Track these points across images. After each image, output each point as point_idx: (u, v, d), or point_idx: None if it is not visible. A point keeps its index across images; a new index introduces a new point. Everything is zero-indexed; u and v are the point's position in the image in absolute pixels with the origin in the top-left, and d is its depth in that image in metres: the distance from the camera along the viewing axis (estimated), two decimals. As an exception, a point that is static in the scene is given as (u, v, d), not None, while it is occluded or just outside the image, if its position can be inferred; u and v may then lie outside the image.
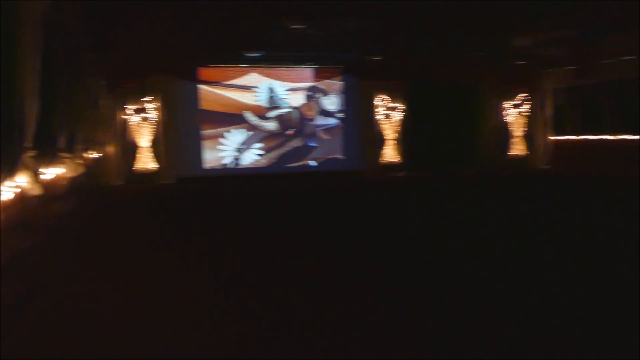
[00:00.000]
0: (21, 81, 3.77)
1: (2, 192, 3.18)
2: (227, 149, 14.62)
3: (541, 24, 10.55)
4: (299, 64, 14.67)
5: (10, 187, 3.21)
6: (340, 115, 15.28)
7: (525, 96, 16.12)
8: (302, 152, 15.15)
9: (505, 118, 16.21)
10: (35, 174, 3.78)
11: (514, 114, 16.19)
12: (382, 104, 15.19)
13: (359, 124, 15.23)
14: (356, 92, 15.14)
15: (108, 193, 12.20)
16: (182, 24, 9.92)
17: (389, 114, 15.23)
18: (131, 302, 4.23)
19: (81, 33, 8.21)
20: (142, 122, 13.71)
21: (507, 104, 16.18)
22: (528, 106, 16.13)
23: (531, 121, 16.18)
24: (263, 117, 14.80)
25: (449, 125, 15.69)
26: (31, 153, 3.75)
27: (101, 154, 12.57)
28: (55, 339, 3.49)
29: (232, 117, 14.65)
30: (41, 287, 4.52)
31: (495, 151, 16.04)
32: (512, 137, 16.24)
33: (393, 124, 15.27)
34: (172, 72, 13.86)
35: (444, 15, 9.72)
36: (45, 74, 4.49)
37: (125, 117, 13.67)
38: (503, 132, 16.17)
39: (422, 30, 11.05)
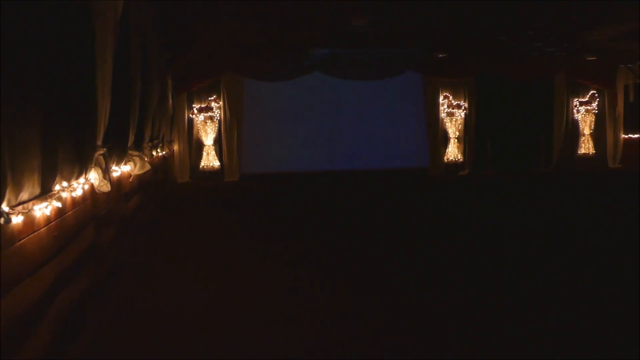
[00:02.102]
0: (96, 81, 3.83)
1: (75, 189, 3.21)
2: (290, 147, 14.71)
3: (615, 17, 9.99)
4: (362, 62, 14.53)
5: (81, 183, 3.26)
6: (405, 113, 15.14)
7: (597, 93, 15.49)
8: (365, 150, 15.09)
9: (575, 115, 15.63)
10: (106, 171, 3.82)
11: (584, 111, 15.58)
12: (447, 102, 14.90)
13: (424, 122, 14.96)
14: (421, 89, 14.86)
15: (176, 190, 12.53)
16: (247, 21, 9.96)
17: (453, 111, 14.94)
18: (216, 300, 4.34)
19: (154, 33, 8.40)
20: (208, 121, 14.00)
21: (577, 100, 15.57)
22: (599, 103, 15.51)
23: (602, 119, 15.55)
24: (326, 115, 14.84)
25: (515, 122, 15.12)
26: (102, 151, 3.78)
27: (169, 152, 12.89)
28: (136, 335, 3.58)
29: (296, 115, 14.80)
30: (119, 279, 4.68)
31: (564, 149, 15.46)
32: (582, 135, 15.63)
33: (458, 122, 14.96)
34: (239, 71, 13.95)
35: (513, 8, 9.34)
36: (118, 73, 4.57)
37: (192, 115, 13.98)
38: (572, 129, 15.58)
39: (490, 25, 10.68)
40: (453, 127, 14.95)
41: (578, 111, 15.54)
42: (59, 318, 2.90)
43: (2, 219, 2.05)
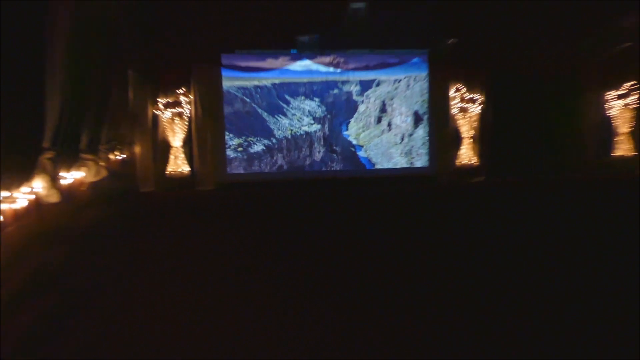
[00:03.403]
0: (43, 75, 3.84)
1: (16, 200, 3.20)
2: (277, 150, 14.76)
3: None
4: (356, 50, 14.63)
5: (25, 193, 3.24)
6: (408, 110, 15.20)
7: (633, 85, 15.30)
8: (364, 151, 15.07)
9: (608, 112, 15.59)
10: (54, 179, 3.81)
11: (619, 107, 15.47)
12: (458, 95, 14.90)
13: (431, 120, 15.02)
14: (427, 82, 14.99)
15: (138, 200, 12.46)
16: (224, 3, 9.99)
17: (466, 107, 14.90)
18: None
19: (112, 18, 8.40)
20: (176, 118, 13.90)
21: (610, 95, 15.53)
22: (637, 97, 15.29)
23: (641, 115, 15.63)
24: (317, 110, 14.89)
25: (539, 120, 15.00)
26: (49, 154, 3.78)
27: (129, 156, 12.84)
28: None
29: (283, 110, 14.88)
30: (76, 311, 4.61)
31: (595, 152, 15.43)
32: (617, 134, 15.55)
33: (471, 120, 14.92)
34: (214, 60, 14.00)
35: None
36: (70, 65, 4.57)
37: (157, 112, 13.89)
38: (605, 128, 15.54)
39: (506, 7, 10.76)
40: (466, 125, 14.93)
41: (612, 106, 15.49)
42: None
43: None
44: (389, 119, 15.06)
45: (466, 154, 14.98)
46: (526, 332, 4.22)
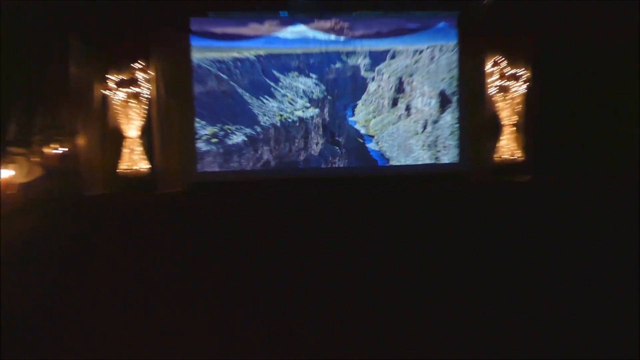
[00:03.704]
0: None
1: None
2: (262, 140, 14.68)
3: None
4: (366, 12, 14.58)
5: None
6: (432, 89, 15.15)
7: None
8: (377, 142, 15.07)
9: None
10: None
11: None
12: (496, 70, 14.92)
13: (462, 102, 14.99)
14: (457, 53, 14.98)
15: (82, 207, 12.32)
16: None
17: (506, 86, 14.92)
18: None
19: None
20: (132, 101, 13.87)
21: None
22: None
23: None
24: (315, 90, 14.83)
25: (600, 104, 15.06)
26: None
27: (71, 149, 12.69)
28: None
29: (270, 90, 14.75)
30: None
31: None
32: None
33: (513, 102, 14.89)
34: (177, 25, 13.86)
35: None
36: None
37: (107, 92, 13.81)
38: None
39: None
40: (507, 109, 14.87)
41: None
42: None
43: None
44: (407, 102, 14.99)
45: (507, 147, 14.96)
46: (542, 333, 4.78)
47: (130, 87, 13.82)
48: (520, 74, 14.86)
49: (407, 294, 6.21)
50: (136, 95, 13.84)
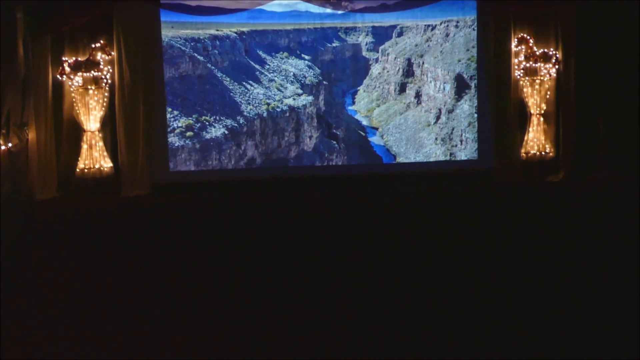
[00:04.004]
0: None
1: None
2: (246, 133, 14.88)
3: None
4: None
5: None
6: (447, 73, 15.13)
7: None
8: (383, 136, 15.06)
9: None
10: None
11: None
12: (523, 50, 14.78)
13: (482, 88, 14.89)
14: (476, 30, 14.93)
15: (32, 213, 12.36)
16: None
17: (536, 68, 14.73)
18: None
19: None
20: (91, 87, 13.85)
21: None
22: None
23: None
24: (308, 74, 14.90)
25: None
26: None
27: (19, 144, 12.74)
28: None
29: (254, 75, 14.79)
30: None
31: None
32: None
33: (544, 88, 14.77)
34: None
35: None
36: None
37: (62, 77, 13.80)
38: None
39: None
40: (536, 96, 14.75)
41: None
42: None
43: None
44: (417, 87, 15.06)
45: (536, 141, 14.89)
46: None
47: (89, 70, 13.70)
48: (551, 54, 14.69)
49: (421, 315, 6.59)
50: (96, 81, 13.77)
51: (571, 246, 9.05)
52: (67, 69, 13.75)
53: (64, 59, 13.74)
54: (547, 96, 14.96)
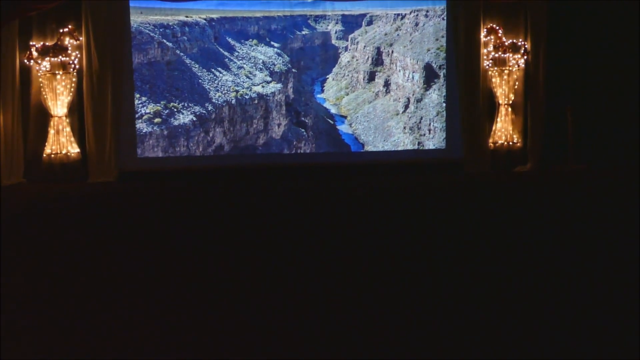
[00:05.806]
0: None
1: None
2: (214, 120, 14.94)
3: None
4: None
5: None
6: (416, 62, 15.20)
7: None
8: (354, 126, 15.10)
9: None
10: None
11: None
12: (492, 40, 14.80)
13: (451, 77, 14.93)
14: (446, 19, 14.98)
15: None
16: None
17: (505, 58, 14.77)
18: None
19: None
20: (59, 72, 13.80)
21: None
22: None
23: None
24: (277, 61, 14.95)
25: (620, 80, 14.99)
26: None
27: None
28: None
29: (223, 61, 14.86)
30: None
31: None
32: None
33: (512, 78, 14.82)
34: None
35: None
36: None
37: (29, 62, 13.79)
38: None
39: None
40: (505, 86, 14.76)
41: None
42: None
43: None
44: (386, 76, 15.13)
45: (504, 131, 14.93)
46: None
47: (57, 55, 13.68)
48: (520, 44, 14.79)
49: (385, 303, 6.52)
50: (64, 66, 13.71)
51: (540, 237, 9.12)
52: (35, 54, 13.70)
53: (31, 43, 13.71)
54: (516, 87, 14.94)
